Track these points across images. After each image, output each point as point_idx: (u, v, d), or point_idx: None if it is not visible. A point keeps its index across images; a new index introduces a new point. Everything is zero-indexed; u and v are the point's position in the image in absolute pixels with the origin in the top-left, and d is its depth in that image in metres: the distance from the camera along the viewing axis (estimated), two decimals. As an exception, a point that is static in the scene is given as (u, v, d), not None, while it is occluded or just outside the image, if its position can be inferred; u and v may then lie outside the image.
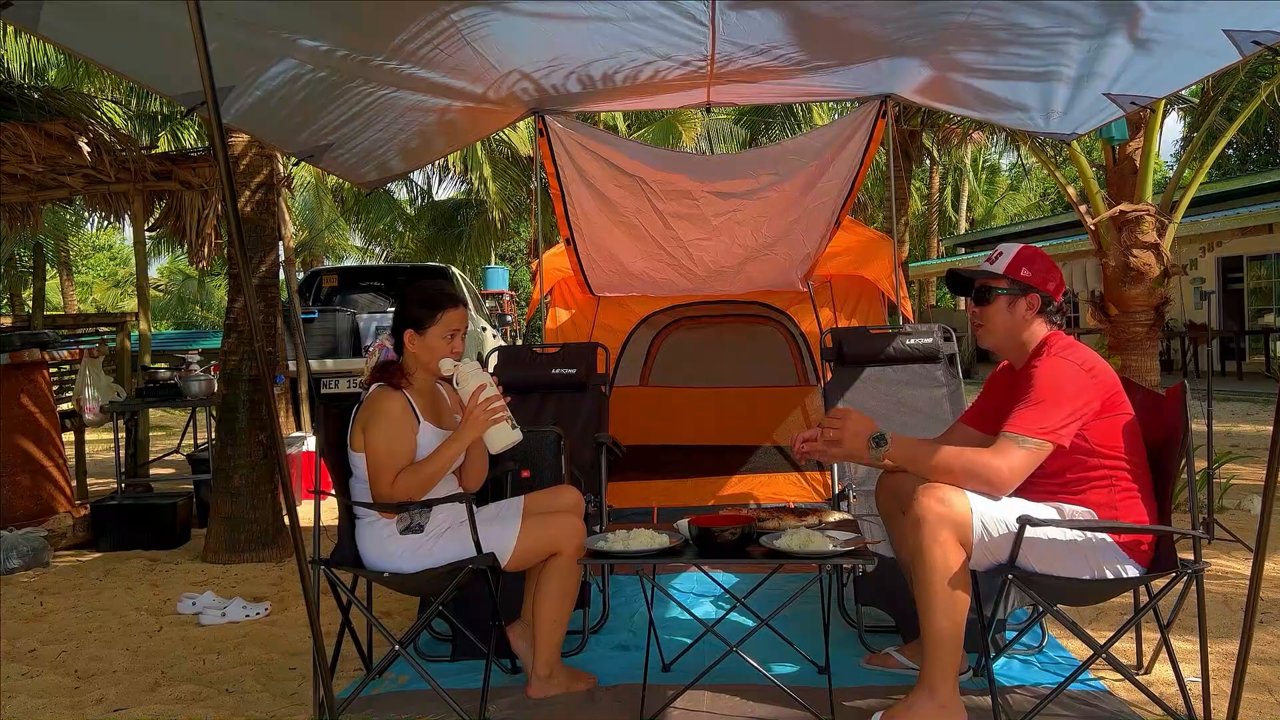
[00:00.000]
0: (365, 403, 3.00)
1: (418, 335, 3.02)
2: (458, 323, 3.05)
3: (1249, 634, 2.48)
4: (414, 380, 3.06)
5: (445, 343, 3.03)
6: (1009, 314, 2.89)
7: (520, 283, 30.28)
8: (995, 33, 3.25)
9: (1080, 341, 2.92)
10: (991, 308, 2.90)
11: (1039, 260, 2.89)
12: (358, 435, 2.97)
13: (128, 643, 3.89)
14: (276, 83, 3.13)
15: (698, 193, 4.93)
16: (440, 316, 3.01)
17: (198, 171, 6.94)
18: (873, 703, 2.91)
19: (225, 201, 2.65)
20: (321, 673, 2.67)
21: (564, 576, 3.01)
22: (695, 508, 4.18)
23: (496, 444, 3.01)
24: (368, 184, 4.55)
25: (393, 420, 2.93)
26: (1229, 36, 2.76)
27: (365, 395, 3.04)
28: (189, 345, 14.37)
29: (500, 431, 2.98)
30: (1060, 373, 2.70)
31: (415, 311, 3.03)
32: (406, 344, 3.04)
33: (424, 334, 3.01)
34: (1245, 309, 18.20)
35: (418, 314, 3.02)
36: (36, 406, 6.00)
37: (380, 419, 2.93)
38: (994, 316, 2.91)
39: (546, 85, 4.08)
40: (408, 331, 3.03)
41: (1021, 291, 2.86)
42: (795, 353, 6.13)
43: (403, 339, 3.04)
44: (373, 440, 2.91)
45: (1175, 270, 6.16)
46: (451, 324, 3.03)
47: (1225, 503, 5.89)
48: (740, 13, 3.25)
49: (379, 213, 22.28)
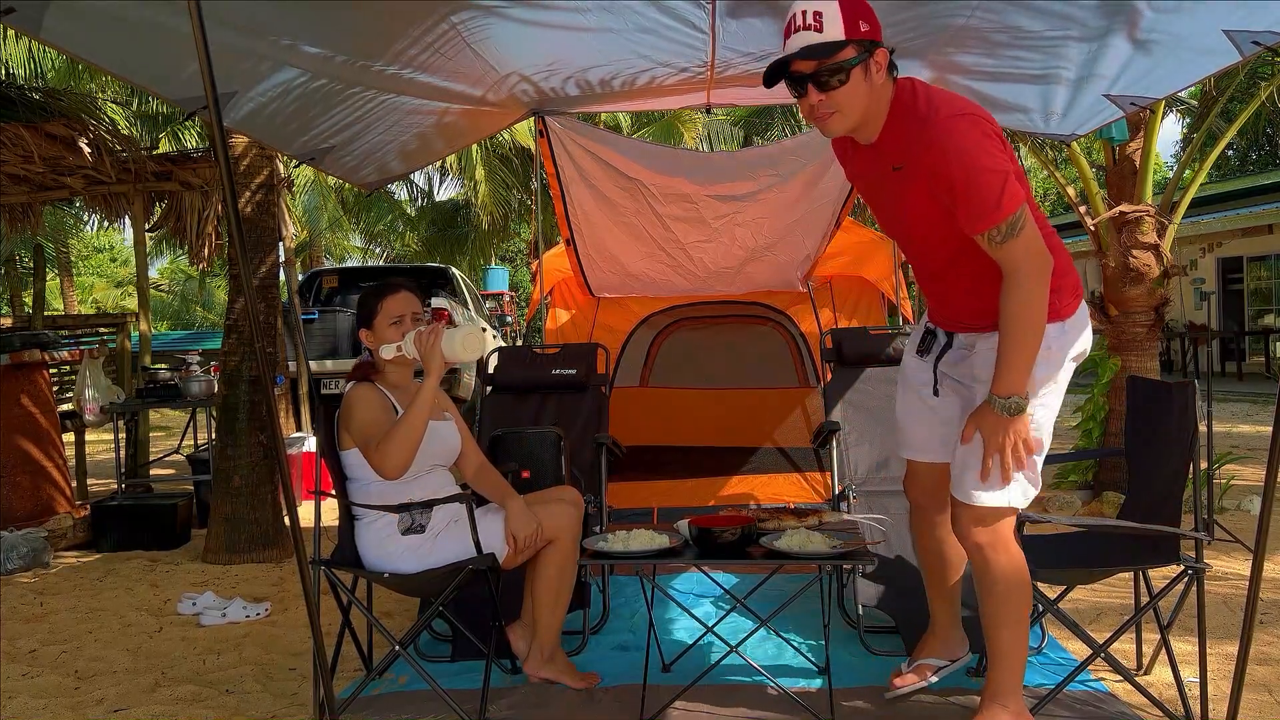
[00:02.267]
0: (343, 401, 3.04)
1: (368, 331, 3.07)
2: (401, 307, 3.04)
3: (1249, 634, 2.48)
4: (388, 377, 3.07)
5: (396, 329, 3.03)
6: (867, 85, 2.35)
7: (520, 283, 30.26)
8: (994, 35, 3.25)
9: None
10: (848, 87, 2.33)
11: (862, 2, 2.36)
12: (343, 434, 3.01)
13: (128, 643, 3.89)
14: (278, 89, 3.14)
15: (697, 195, 4.94)
16: (380, 306, 3.04)
17: (198, 172, 6.94)
18: (872, 703, 2.91)
19: (226, 202, 2.65)
20: (321, 673, 2.67)
21: (561, 562, 3.03)
22: (695, 508, 4.19)
23: (461, 351, 2.87)
24: (368, 185, 4.55)
25: (367, 402, 2.96)
26: (1229, 37, 2.76)
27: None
28: (193, 346, 14.38)
29: (452, 339, 2.87)
30: (969, 142, 2.26)
31: (362, 310, 3.09)
32: (365, 343, 3.10)
33: (373, 328, 3.05)
34: (1245, 309, 18.20)
35: (364, 311, 3.08)
36: (36, 407, 6.00)
37: (355, 406, 2.96)
38: (852, 97, 2.35)
39: (546, 88, 4.08)
40: (362, 330, 3.09)
41: (870, 50, 2.33)
42: (795, 353, 6.13)
43: (363, 340, 3.10)
44: (356, 429, 2.94)
45: (1175, 271, 6.17)
46: (392, 311, 3.03)
47: (1225, 503, 5.89)
48: (741, 21, 3.25)
49: (379, 213, 22.27)
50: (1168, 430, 2.86)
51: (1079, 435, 6.49)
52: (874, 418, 4.12)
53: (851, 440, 4.05)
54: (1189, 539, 2.68)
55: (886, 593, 3.49)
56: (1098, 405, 6.29)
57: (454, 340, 2.87)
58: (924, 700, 2.94)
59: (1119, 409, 6.02)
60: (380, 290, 3.09)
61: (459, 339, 2.88)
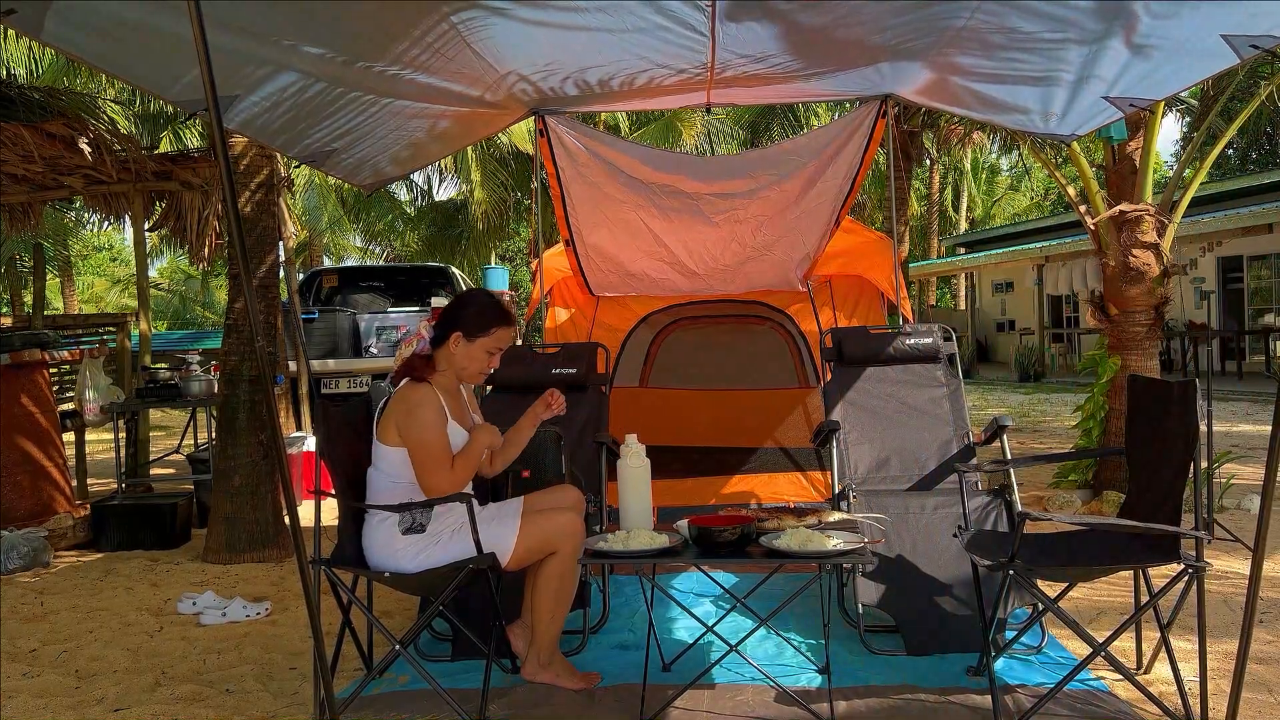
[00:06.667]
0: (400, 396, 2.99)
1: (465, 340, 3.01)
2: (505, 341, 3.05)
3: (1248, 634, 2.48)
4: (441, 378, 3.05)
5: (487, 357, 3.03)
6: None
7: (520, 283, 30.26)
8: (993, 37, 3.25)
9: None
10: None
11: None
12: (389, 429, 2.95)
13: (128, 643, 3.90)
14: (279, 93, 3.14)
15: (697, 193, 4.94)
16: (494, 331, 3.02)
17: (198, 171, 6.94)
18: (873, 703, 2.92)
19: (225, 202, 2.65)
20: (322, 673, 2.67)
21: (562, 572, 3.02)
22: (695, 508, 4.19)
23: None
24: (368, 186, 4.56)
25: (436, 411, 2.93)
26: (1226, 41, 2.76)
27: (396, 388, 3.04)
28: (192, 346, 14.38)
29: None
30: None
31: (472, 317, 3.02)
32: (450, 344, 3.03)
33: (471, 342, 3.01)
34: (1245, 309, 18.21)
35: (474, 320, 3.02)
36: (36, 406, 6.01)
37: (423, 411, 2.92)
38: None
39: (545, 87, 4.09)
40: (455, 333, 3.01)
41: None
42: (795, 353, 6.13)
43: (448, 337, 3.03)
44: (421, 432, 2.90)
45: (1175, 270, 6.17)
46: (501, 341, 3.04)
47: (1225, 503, 5.89)
48: (740, 24, 3.25)
49: (379, 213, 22.29)
50: (1168, 429, 2.86)
51: (1079, 435, 6.50)
52: (874, 417, 4.12)
53: (851, 440, 4.05)
54: (1189, 538, 2.68)
55: (886, 592, 3.49)
56: (1098, 405, 6.30)
57: None
58: (924, 700, 2.94)
59: (1119, 408, 6.03)
60: (497, 314, 3.03)
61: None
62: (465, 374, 3.07)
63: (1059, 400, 13.51)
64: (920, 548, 3.59)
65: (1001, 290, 24.79)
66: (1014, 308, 24.09)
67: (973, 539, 3.08)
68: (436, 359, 3.05)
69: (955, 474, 3.68)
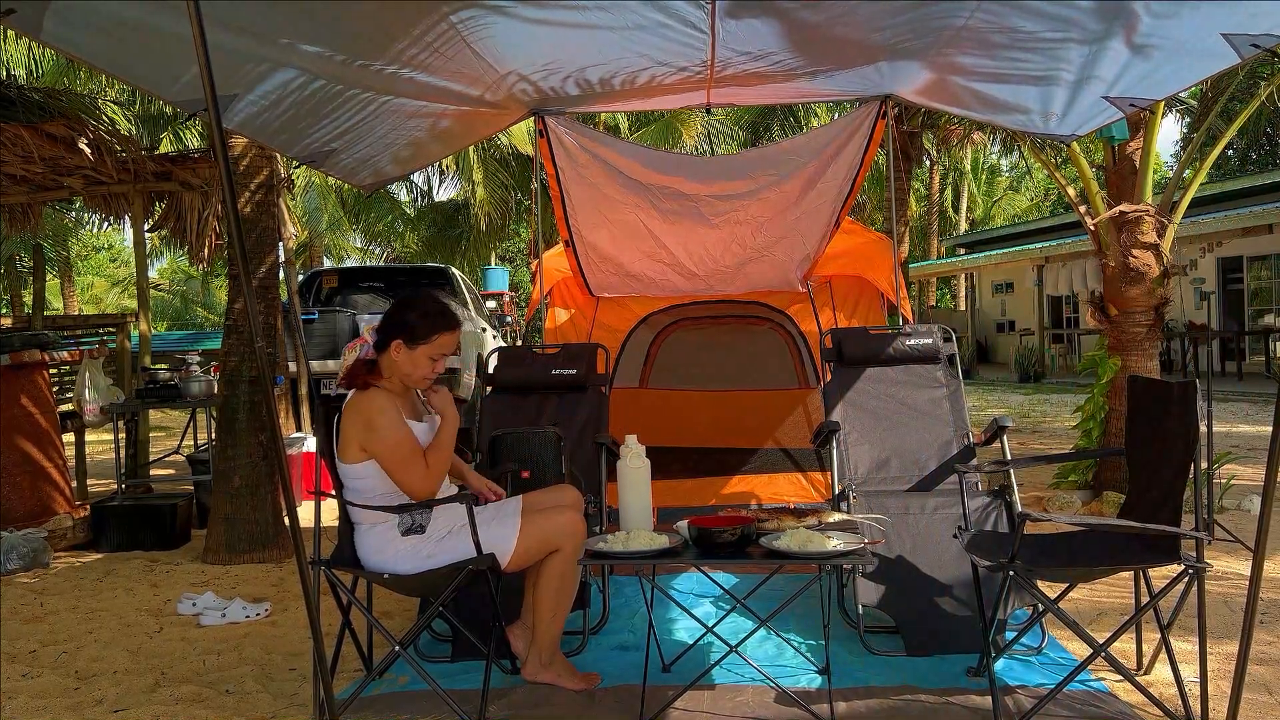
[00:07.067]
0: (353, 408, 2.94)
1: (406, 347, 2.95)
2: (449, 347, 2.98)
3: (1249, 634, 2.48)
4: (389, 383, 3.00)
5: (430, 363, 2.97)
6: None
7: (520, 283, 30.27)
8: (993, 36, 3.25)
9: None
10: None
11: None
12: (350, 446, 2.91)
13: (128, 643, 3.89)
14: (279, 92, 3.13)
15: (697, 194, 4.94)
16: (435, 338, 2.96)
17: (197, 172, 6.94)
18: (873, 704, 2.91)
19: (225, 202, 2.65)
20: (321, 673, 2.67)
21: (564, 571, 3.01)
22: (695, 508, 4.19)
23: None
24: (367, 186, 4.55)
25: (393, 414, 2.90)
26: (1227, 40, 2.76)
27: (346, 400, 2.99)
28: (192, 346, 14.38)
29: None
30: None
31: (412, 323, 2.96)
32: (391, 351, 2.97)
33: (413, 349, 2.95)
34: (1245, 309, 18.20)
35: (414, 327, 2.95)
36: (36, 407, 6.00)
37: (381, 418, 2.89)
38: None
39: (545, 87, 4.08)
40: (397, 341, 2.95)
41: None
42: (795, 353, 6.13)
43: (389, 343, 2.97)
44: (385, 437, 2.87)
45: (1175, 270, 6.17)
46: (443, 347, 2.97)
47: (1225, 503, 5.89)
48: (740, 20, 3.25)
49: (379, 213, 22.31)
50: (1168, 430, 2.85)
51: (1079, 435, 6.49)
52: (874, 418, 4.12)
53: (851, 440, 4.05)
54: (1189, 538, 2.68)
55: (886, 593, 3.49)
56: (1098, 405, 6.29)
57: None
58: (924, 701, 2.94)
59: (1119, 409, 6.02)
60: (438, 321, 2.96)
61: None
62: (409, 380, 3.00)
63: (1059, 401, 13.51)
64: (920, 548, 3.59)
65: (1001, 291, 24.80)
66: (1014, 308, 24.10)
67: (973, 540, 3.08)
68: (380, 365, 3.00)
69: (955, 475, 3.68)
